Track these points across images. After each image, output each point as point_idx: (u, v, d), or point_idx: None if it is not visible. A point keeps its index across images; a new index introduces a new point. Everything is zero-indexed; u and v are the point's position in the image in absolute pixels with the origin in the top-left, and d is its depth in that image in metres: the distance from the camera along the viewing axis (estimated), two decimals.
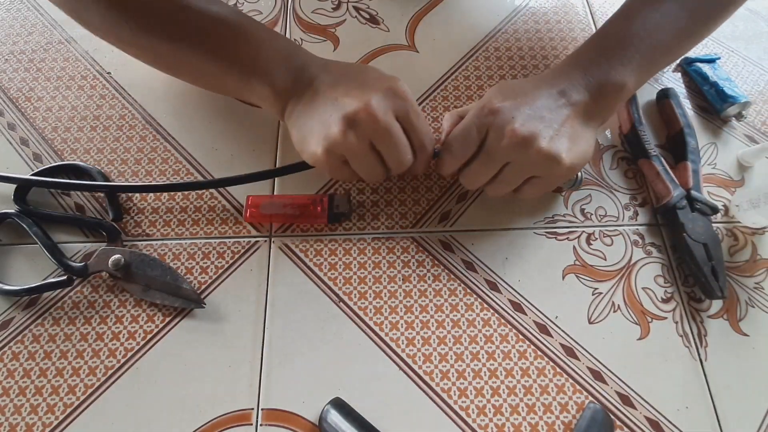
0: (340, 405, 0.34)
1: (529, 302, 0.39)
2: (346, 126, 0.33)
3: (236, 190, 0.43)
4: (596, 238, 0.41)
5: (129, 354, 0.37)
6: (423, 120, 0.36)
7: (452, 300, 0.39)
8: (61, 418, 0.35)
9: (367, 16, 0.52)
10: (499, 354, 0.37)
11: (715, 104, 0.46)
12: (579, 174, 0.40)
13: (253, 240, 0.41)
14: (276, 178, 0.43)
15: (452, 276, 0.39)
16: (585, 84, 0.36)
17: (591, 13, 0.52)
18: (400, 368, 0.36)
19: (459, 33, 0.51)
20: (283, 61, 0.37)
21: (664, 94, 0.46)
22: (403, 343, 0.37)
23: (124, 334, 0.37)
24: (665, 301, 0.39)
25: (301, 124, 0.37)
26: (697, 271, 0.38)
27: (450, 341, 0.37)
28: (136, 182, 0.43)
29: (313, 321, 0.38)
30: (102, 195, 0.42)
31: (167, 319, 0.38)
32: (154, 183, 0.43)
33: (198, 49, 0.36)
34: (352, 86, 0.35)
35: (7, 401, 0.35)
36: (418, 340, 0.37)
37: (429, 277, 0.39)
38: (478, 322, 0.38)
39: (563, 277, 0.39)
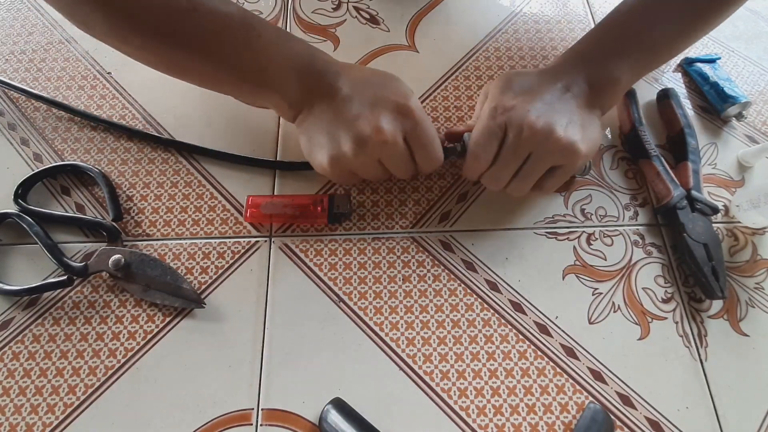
0: (340, 405, 0.34)
1: (529, 302, 0.39)
2: (357, 147, 0.34)
3: (237, 190, 0.43)
4: (596, 238, 0.41)
5: (129, 354, 0.37)
6: (430, 139, 0.36)
7: (452, 300, 0.39)
8: (61, 418, 0.35)
9: (367, 16, 0.52)
10: (499, 354, 0.37)
11: (715, 104, 0.46)
12: (588, 161, 0.41)
13: (253, 240, 0.41)
14: (276, 179, 0.43)
15: (452, 276, 0.39)
16: (584, 78, 0.38)
17: (591, 13, 0.52)
18: (400, 368, 0.36)
19: (459, 33, 0.51)
20: (296, 71, 0.36)
21: (665, 94, 0.46)
22: (403, 343, 0.37)
23: (124, 334, 0.37)
24: (665, 301, 0.39)
25: (312, 135, 0.37)
26: (698, 271, 0.38)
27: (450, 341, 0.37)
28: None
29: (313, 321, 0.38)
30: (102, 195, 0.42)
31: (167, 319, 0.38)
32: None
33: (210, 57, 0.36)
34: (364, 105, 0.35)
35: (7, 401, 0.35)
36: (418, 340, 0.37)
37: (429, 277, 0.39)
38: (478, 322, 0.38)
39: (563, 277, 0.39)
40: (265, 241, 0.41)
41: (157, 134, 0.44)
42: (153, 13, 0.33)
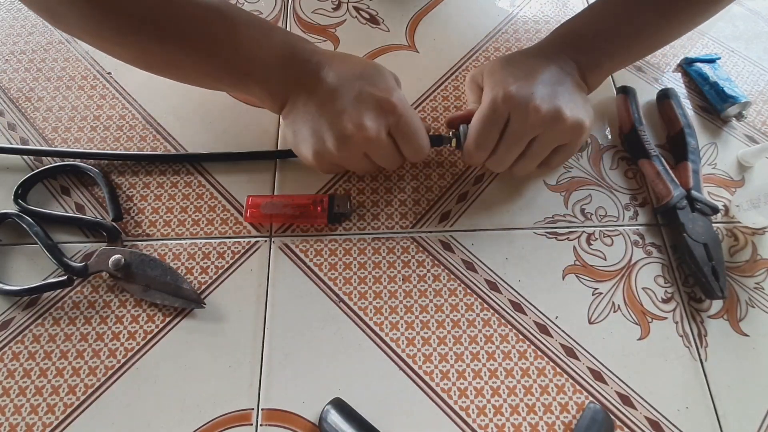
0: (340, 405, 0.34)
1: (529, 302, 0.39)
2: (340, 144, 0.35)
3: (237, 190, 0.43)
4: (596, 238, 0.41)
5: (129, 354, 0.37)
6: (415, 130, 0.36)
7: (452, 300, 0.39)
8: (61, 418, 0.35)
9: (367, 16, 0.52)
10: (499, 354, 0.37)
11: (715, 104, 0.46)
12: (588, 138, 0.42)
13: (253, 240, 0.41)
14: (276, 179, 0.43)
15: (452, 276, 0.39)
16: (573, 60, 0.39)
17: None
18: (400, 368, 0.36)
19: (459, 33, 0.51)
20: (278, 61, 0.36)
21: (665, 95, 0.46)
22: (403, 343, 0.37)
23: (124, 334, 0.37)
24: (665, 301, 0.39)
25: (297, 128, 0.37)
26: (698, 271, 0.38)
27: (450, 341, 0.37)
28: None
29: (313, 321, 0.38)
30: (102, 195, 0.42)
31: (167, 319, 0.38)
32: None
33: (189, 50, 0.35)
34: (347, 100, 0.35)
35: (7, 401, 0.35)
36: (418, 340, 0.37)
37: (429, 277, 0.39)
38: (478, 322, 0.38)
39: (563, 277, 0.39)
40: (265, 241, 0.41)
41: (175, 152, 0.44)
42: (129, 6, 0.32)
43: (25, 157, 0.44)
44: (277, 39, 0.37)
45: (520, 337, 0.37)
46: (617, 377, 0.36)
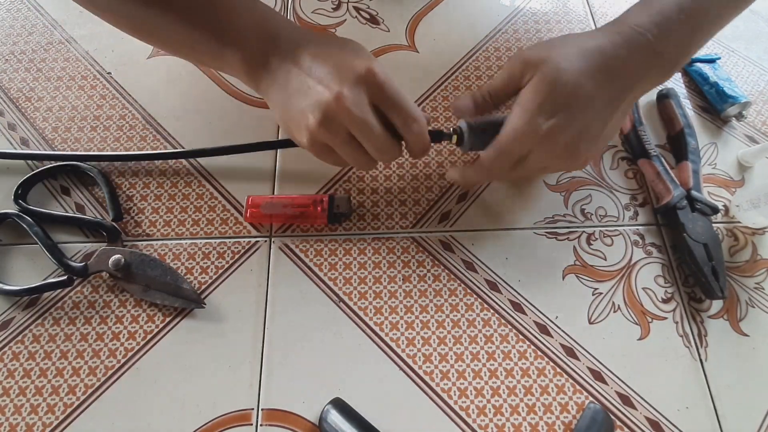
0: (340, 405, 0.34)
1: (529, 302, 0.39)
2: (322, 118, 0.32)
3: (237, 190, 0.43)
4: (596, 238, 0.41)
5: (129, 354, 0.37)
6: (403, 101, 0.33)
7: (452, 300, 0.39)
8: (61, 418, 0.35)
9: (367, 16, 0.52)
10: (499, 354, 0.37)
11: (715, 104, 0.46)
12: None
13: (253, 240, 0.41)
14: (276, 179, 0.43)
15: (452, 276, 0.39)
16: (651, 78, 0.34)
17: (591, 13, 0.52)
18: (400, 368, 0.36)
19: (459, 33, 0.51)
20: (255, 28, 0.35)
21: (665, 95, 0.46)
22: (403, 344, 0.37)
23: (124, 334, 0.37)
24: (665, 301, 0.39)
25: (281, 105, 0.35)
26: (698, 271, 0.38)
27: (450, 341, 0.37)
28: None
29: (313, 321, 0.38)
30: (102, 195, 0.42)
31: (167, 319, 0.38)
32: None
33: (169, 11, 0.34)
34: (325, 70, 0.32)
35: (7, 401, 0.35)
36: (419, 340, 0.37)
37: (429, 277, 0.39)
38: (479, 322, 0.38)
39: (563, 277, 0.39)
40: (265, 241, 0.41)
41: (172, 150, 0.44)
42: None
43: None
44: (258, 11, 0.36)
45: (520, 337, 0.37)
46: (617, 377, 0.36)
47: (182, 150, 0.44)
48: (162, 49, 0.38)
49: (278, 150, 0.44)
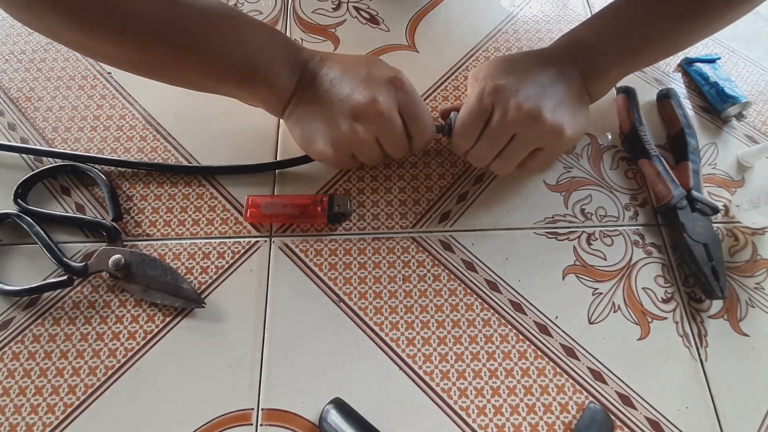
0: (340, 405, 0.34)
1: (529, 302, 0.39)
2: (354, 122, 0.35)
3: (237, 190, 0.43)
4: (596, 238, 0.41)
5: (129, 354, 0.37)
6: (423, 110, 0.37)
7: (452, 300, 0.39)
8: (61, 418, 0.35)
9: (367, 16, 0.52)
10: (499, 354, 0.37)
11: (715, 104, 0.46)
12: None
13: (253, 240, 0.41)
14: (276, 179, 0.43)
15: (452, 276, 0.39)
16: (577, 67, 0.38)
17: (591, 13, 0.52)
18: (400, 368, 0.36)
19: (459, 33, 0.51)
20: (284, 62, 0.37)
21: (665, 95, 0.46)
22: (403, 343, 0.37)
23: (124, 334, 0.37)
24: (665, 301, 0.39)
25: (306, 124, 0.37)
26: (698, 271, 0.38)
27: (450, 341, 0.37)
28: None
29: (313, 321, 0.38)
30: (102, 195, 0.42)
31: (167, 319, 0.38)
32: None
33: (194, 52, 0.34)
34: (356, 82, 0.36)
35: (7, 401, 0.35)
36: (419, 340, 0.37)
37: (429, 277, 0.39)
38: (479, 322, 0.38)
39: (563, 277, 0.39)
40: (265, 241, 0.41)
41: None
42: (131, 5, 0.31)
43: (25, 156, 0.44)
44: (279, 39, 0.38)
45: (520, 337, 0.37)
46: (617, 377, 0.36)
47: (188, 165, 0.43)
48: (171, 83, 0.37)
49: (278, 150, 0.44)
